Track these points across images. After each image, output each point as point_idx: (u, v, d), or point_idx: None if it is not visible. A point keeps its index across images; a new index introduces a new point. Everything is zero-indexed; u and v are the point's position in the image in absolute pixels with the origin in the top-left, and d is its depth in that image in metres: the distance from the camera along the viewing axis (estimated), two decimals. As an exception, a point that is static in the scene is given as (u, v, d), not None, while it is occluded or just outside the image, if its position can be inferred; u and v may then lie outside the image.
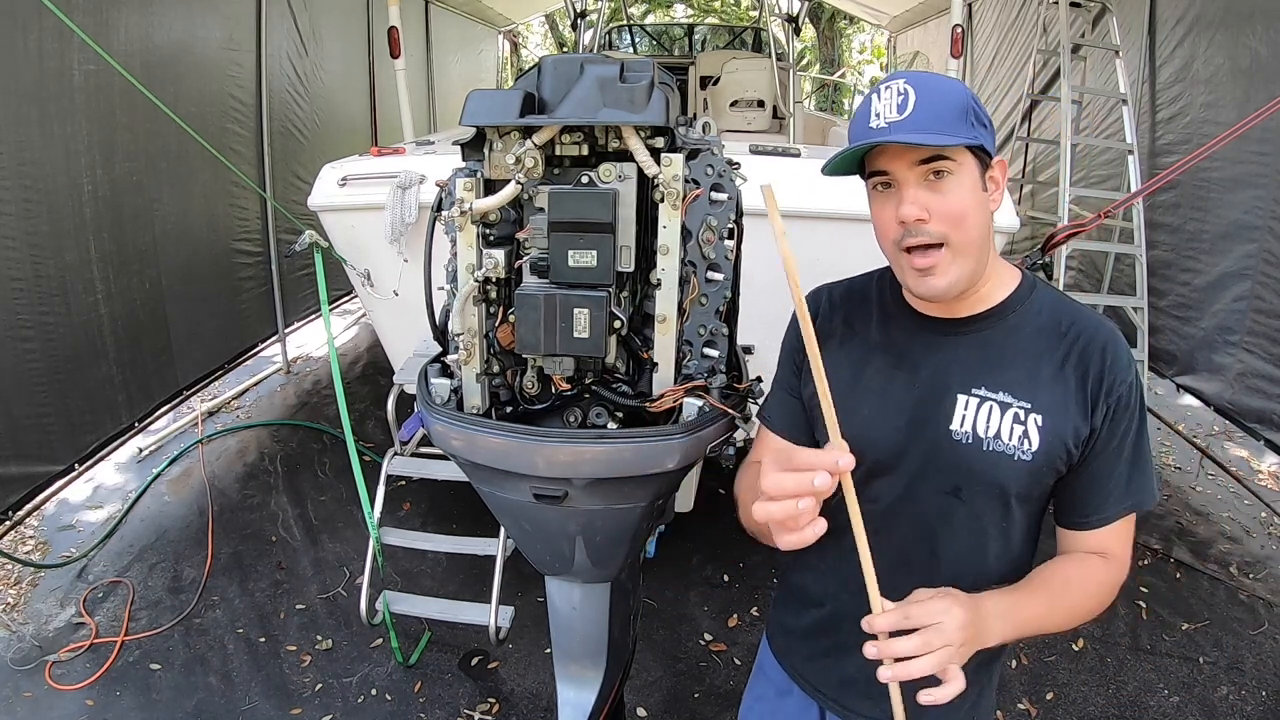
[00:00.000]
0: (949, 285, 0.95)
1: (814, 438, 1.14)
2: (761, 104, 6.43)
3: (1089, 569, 1.01)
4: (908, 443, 1.02)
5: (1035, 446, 0.97)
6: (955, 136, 0.91)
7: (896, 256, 0.98)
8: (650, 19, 14.43)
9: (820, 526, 0.81)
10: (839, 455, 0.79)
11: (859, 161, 0.98)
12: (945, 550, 1.03)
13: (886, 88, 0.93)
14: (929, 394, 1.01)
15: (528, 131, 1.01)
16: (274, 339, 4.74)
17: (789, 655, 1.22)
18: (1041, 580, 0.98)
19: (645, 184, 1.03)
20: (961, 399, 0.99)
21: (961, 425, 0.99)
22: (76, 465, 3.10)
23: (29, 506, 2.95)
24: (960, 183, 0.94)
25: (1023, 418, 0.97)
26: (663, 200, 1.00)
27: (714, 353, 1.12)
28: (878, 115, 0.93)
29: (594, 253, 0.99)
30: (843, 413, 1.04)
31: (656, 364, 1.08)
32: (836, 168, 0.99)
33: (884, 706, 1.12)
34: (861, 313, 1.10)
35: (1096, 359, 0.97)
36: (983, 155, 0.96)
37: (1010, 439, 0.98)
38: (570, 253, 1.00)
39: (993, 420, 0.98)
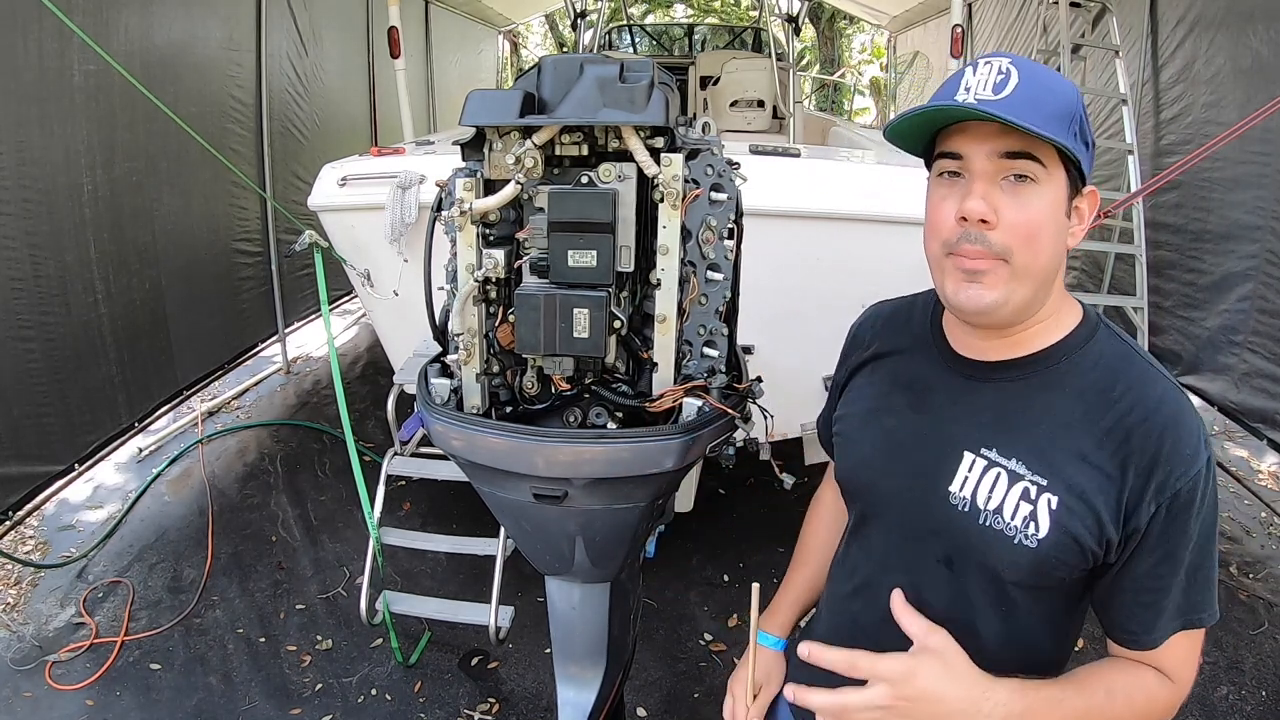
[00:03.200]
0: (995, 303, 0.80)
1: None
2: (761, 104, 6.43)
3: (1139, 679, 0.83)
4: (903, 494, 0.91)
5: (1042, 534, 0.80)
6: (1054, 133, 0.75)
7: (941, 261, 0.83)
8: (650, 19, 14.44)
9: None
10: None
11: (930, 139, 0.84)
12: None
13: (986, 63, 0.79)
14: (936, 445, 0.89)
15: (527, 131, 1.01)
16: (274, 339, 4.74)
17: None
18: (1078, 682, 0.82)
19: (645, 184, 1.03)
20: (968, 458, 0.86)
21: (961, 489, 0.85)
22: (76, 465, 3.10)
23: (29, 506, 2.96)
24: (1043, 194, 0.78)
25: (1033, 496, 0.81)
26: (662, 200, 1.00)
27: (714, 353, 1.12)
28: (968, 89, 0.78)
29: (594, 253, 0.99)
30: (850, 444, 1.02)
31: (656, 364, 1.08)
32: (901, 130, 0.84)
33: None
34: (899, 341, 0.99)
35: (1149, 443, 0.78)
36: (1075, 176, 0.80)
37: (1013, 518, 0.82)
38: (570, 253, 1.00)
39: (997, 491, 0.83)
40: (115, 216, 3.23)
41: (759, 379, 1.15)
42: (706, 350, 1.12)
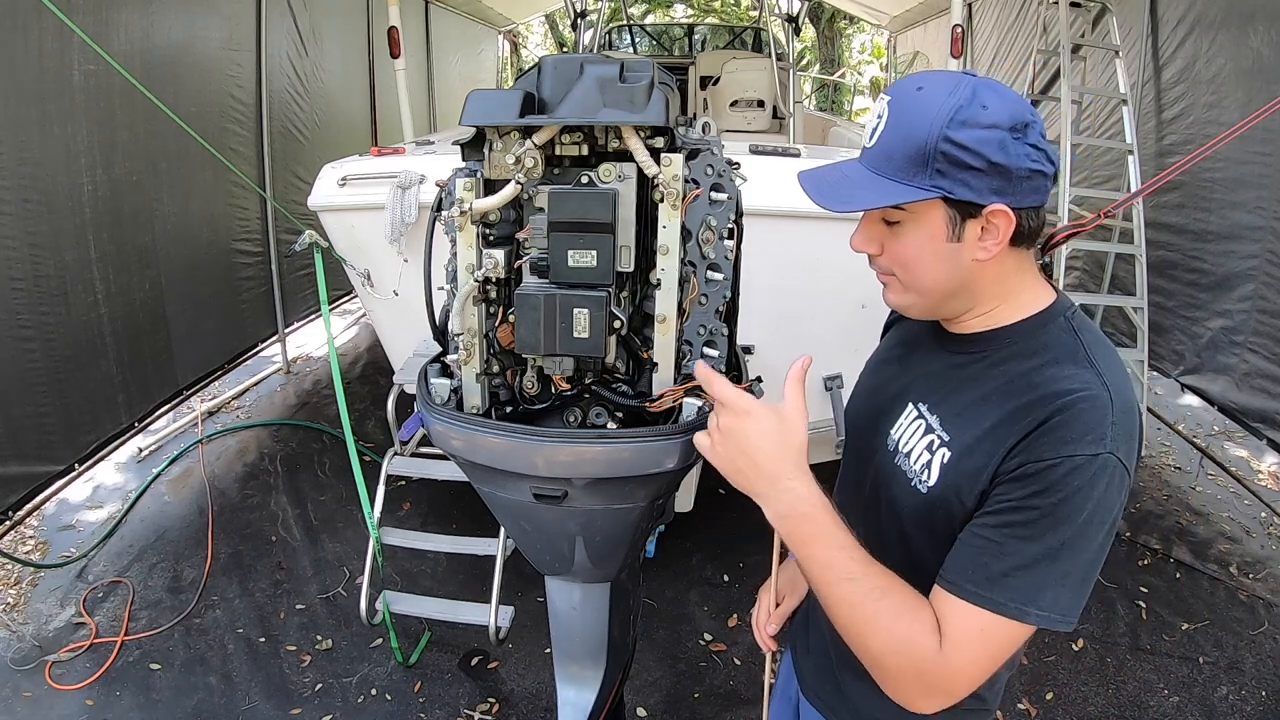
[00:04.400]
0: (902, 305, 0.94)
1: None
2: (761, 104, 6.43)
3: (919, 612, 0.83)
4: (867, 431, 1.04)
5: (931, 481, 0.90)
6: (900, 186, 0.82)
7: None
8: (650, 19, 14.44)
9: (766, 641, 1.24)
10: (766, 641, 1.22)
11: None
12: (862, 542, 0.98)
13: (881, 99, 0.87)
14: (896, 393, 1.02)
15: (528, 131, 1.01)
16: (274, 339, 4.74)
17: (790, 639, 1.27)
18: (868, 561, 0.84)
19: (645, 184, 1.03)
20: (909, 408, 0.98)
21: (895, 432, 0.98)
22: (76, 465, 3.10)
23: (29, 506, 2.96)
24: (910, 232, 0.86)
25: (934, 448, 0.91)
26: (662, 200, 1.00)
27: (714, 353, 1.12)
28: (866, 133, 0.89)
29: (594, 253, 0.99)
30: (860, 383, 1.15)
31: (656, 364, 1.08)
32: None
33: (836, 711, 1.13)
34: None
35: (1040, 415, 0.81)
36: (962, 201, 0.82)
37: (914, 463, 0.92)
38: (570, 253, 1.00)
39: (913, 438, 0.94)
40: (115, 216, 3.22)
41: (759, 379, 1.15)
42: (706, 350, 1.12)
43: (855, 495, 1.05)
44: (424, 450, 2.61)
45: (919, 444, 0.93)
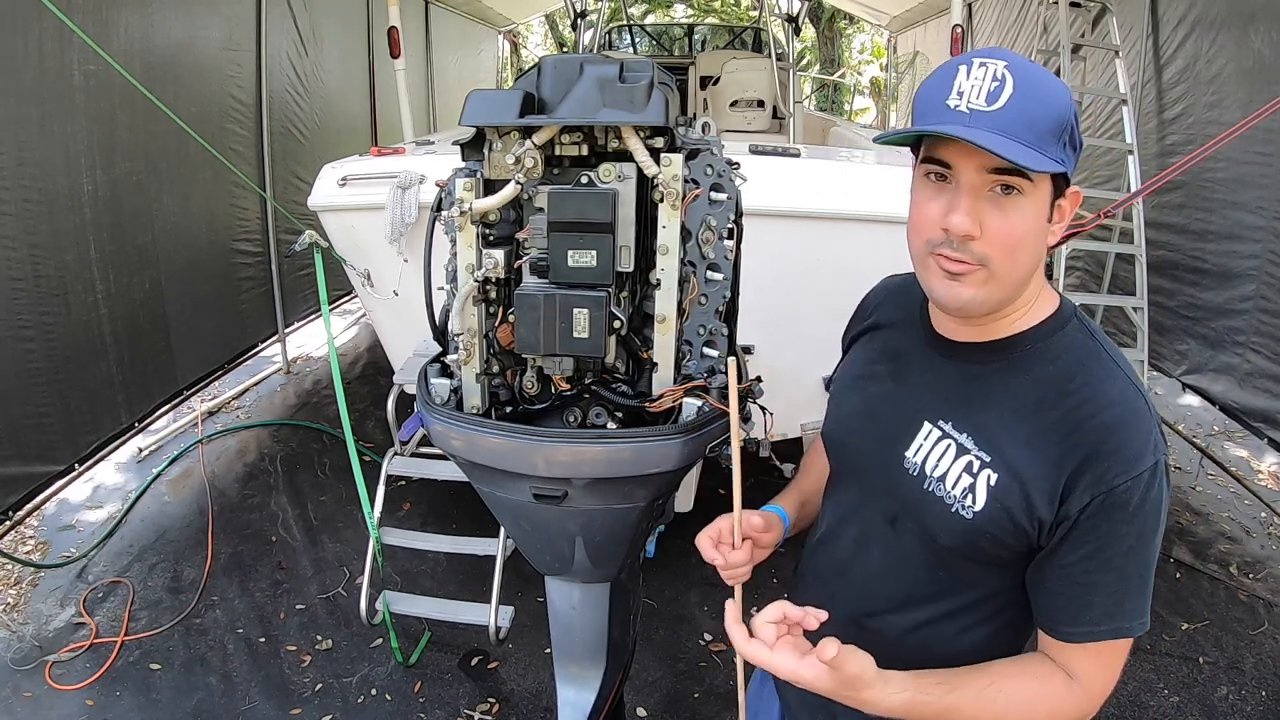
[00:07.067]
0: (973, 301, 0.84)
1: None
2: (761, 104, 6.43)
3: (1046, 687, 0.85)
4: (867, 454, 0.97)
5: (978, 506, 0.85)
6: (1044, 155, 0.77)
7: (924, 259, 0.86)
8: (650, 19, 14.44)
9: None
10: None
11: (916, 136, 0.85)
12: (867, 575, 0.97)
13: (981, 65, 0.78)
14: (902, 413, 0.95)
15: (527, 131, 1.01)
16: (274, 339, 4.74)
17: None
18: (990, 691, 0.84)
19: (645, 184, 1.03)
20: (926, 428, 0.91)
21: (915, 454, 0.91)
22: (76, 465, 3.10)
23: (29, 506, 2.95)
24: (1028, 206, 0.80)
25: (975, 469, 0.85)
26: (662, 200, 1.00)
27: (714, 353, 1.12)
28: (960, 95, 0.78)
29: (593, 253, 0.99)
30: (837, 404, 1.07)
31: (656, 364, 1.08)
32: (891, 139, 0.88)
33: None
34: (894, 314, 1.04)
35: (1093, 437, 0.80)
36: (1060, 181, 0.82)
37: (954, 488, 0.87)
38: (570, 253, 1.00)
39: (944, 461, 0.88)
40: (115, 216, 3.22)
41: (759, 379, 1.15)
42: (706, 350, 1.12)
43: (862, 525, 0.99)
44: (424, 450, 2.61)
45: (954, 467, 0.87)
